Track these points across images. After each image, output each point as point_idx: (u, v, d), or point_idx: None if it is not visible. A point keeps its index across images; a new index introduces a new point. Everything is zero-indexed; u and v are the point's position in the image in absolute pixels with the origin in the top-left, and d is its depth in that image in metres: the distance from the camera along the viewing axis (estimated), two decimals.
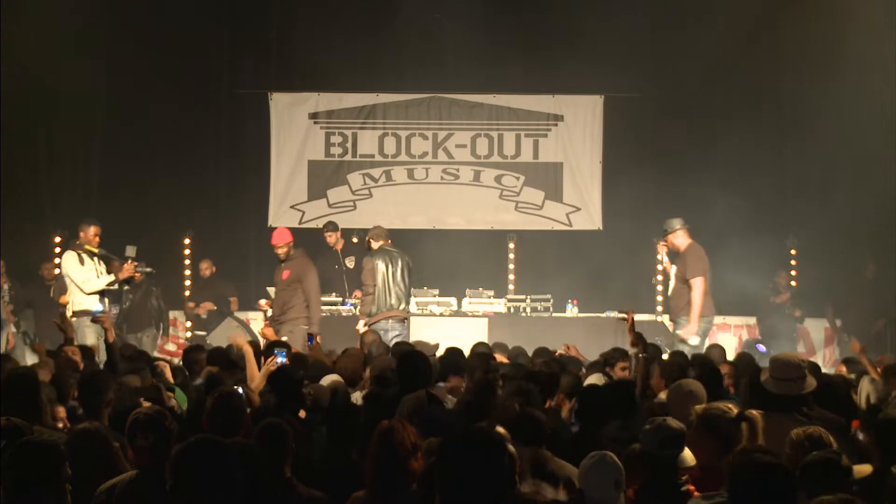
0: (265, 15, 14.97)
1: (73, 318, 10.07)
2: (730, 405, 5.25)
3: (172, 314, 14.12)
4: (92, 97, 14.58)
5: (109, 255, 10.84)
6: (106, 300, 10.68)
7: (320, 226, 13.62)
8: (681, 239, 10.94)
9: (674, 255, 11.11)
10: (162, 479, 3.90)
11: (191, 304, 13.84)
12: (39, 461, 4.03)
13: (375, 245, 11.25)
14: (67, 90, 14.16)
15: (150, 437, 4.71)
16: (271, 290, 12.66)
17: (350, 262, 13.13)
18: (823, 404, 5.99)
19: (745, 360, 8.55)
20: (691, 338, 10.48)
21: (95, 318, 9.36)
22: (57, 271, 12.83)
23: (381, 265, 11.01)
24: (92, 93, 14.55)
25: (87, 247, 10.66)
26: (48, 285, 13.18)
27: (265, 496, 4.24)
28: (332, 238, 13.12)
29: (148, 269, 11.21)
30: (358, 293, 12.78)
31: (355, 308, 12.53)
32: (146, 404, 5.77)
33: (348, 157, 15.00)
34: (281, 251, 11.31)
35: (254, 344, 8.54)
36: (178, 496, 3.75)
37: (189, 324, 13.87)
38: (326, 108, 15.01)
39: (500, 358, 8.79)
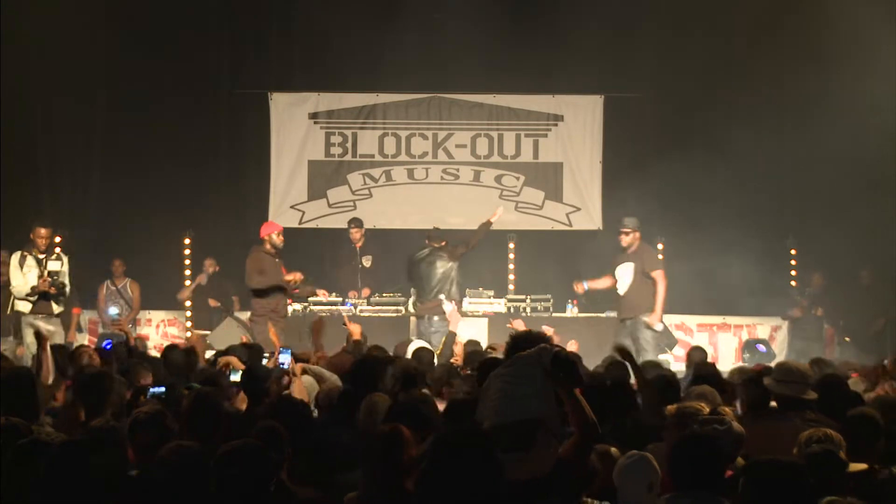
0: (265, 15, 14.97)
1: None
2: (702, 404, 5.29)
3: (172, 314, 14.12)
4: (92, 97, 14.60)
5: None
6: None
7: (319, 226, 13.65)
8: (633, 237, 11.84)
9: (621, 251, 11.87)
10: None
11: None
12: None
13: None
14: (67, 90, 14.19)
15: (152, 436, 4.70)
16: None
17: (367, 262, 13.18)
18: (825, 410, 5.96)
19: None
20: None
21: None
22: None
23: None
24: (92, 93, 14.58)
25: (35, 249, 10.88)
26: None
27: (260, 499, 4.23)
28: (356, 234, 13.21)
29: (60, 283, 10.98)
30: (367, 291, 12.83)
31: (355, 308, 12.56)
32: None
33: (348, 157, 15.00)
34: None
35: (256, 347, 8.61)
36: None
37: (189, 324, 13.86)
38: (326, 108, 15.00)
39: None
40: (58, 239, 13.80)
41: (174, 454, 4.11)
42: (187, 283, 13.91)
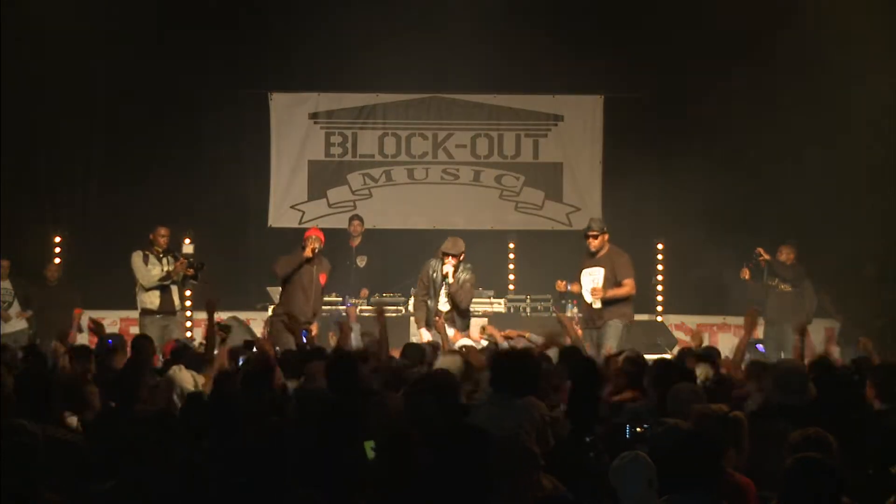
0: (265, 15, 14.96)
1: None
2: (723, 406, 5.28)
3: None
4: (92, 97, 14.60)
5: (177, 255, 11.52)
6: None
7: (319, 226, 13.57)
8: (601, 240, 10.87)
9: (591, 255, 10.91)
10: None
11: None
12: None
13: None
14: (67, 90, 14.19)
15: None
16: (272, 290, 12.66)
17: (361, 262, 13.16)
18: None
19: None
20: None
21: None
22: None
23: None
24: (92, 93, 14.58)
25: (156, 247, 11.39)
26: (51, 286, 13.24)
27: (261, 499, 4.24)
28: (358, 227, 13.27)
29: (199, 264, 11.45)
30: (365, 292, 12.81)
31: (356, 308, 12.53)
32: None
33: (348, 157, 15.00)
34: None
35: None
36: None
37: (189, 323, 13.84)
38: (326, 108, 15.01)
39: None
40: (57, 239, 13.88)
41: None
42: None
